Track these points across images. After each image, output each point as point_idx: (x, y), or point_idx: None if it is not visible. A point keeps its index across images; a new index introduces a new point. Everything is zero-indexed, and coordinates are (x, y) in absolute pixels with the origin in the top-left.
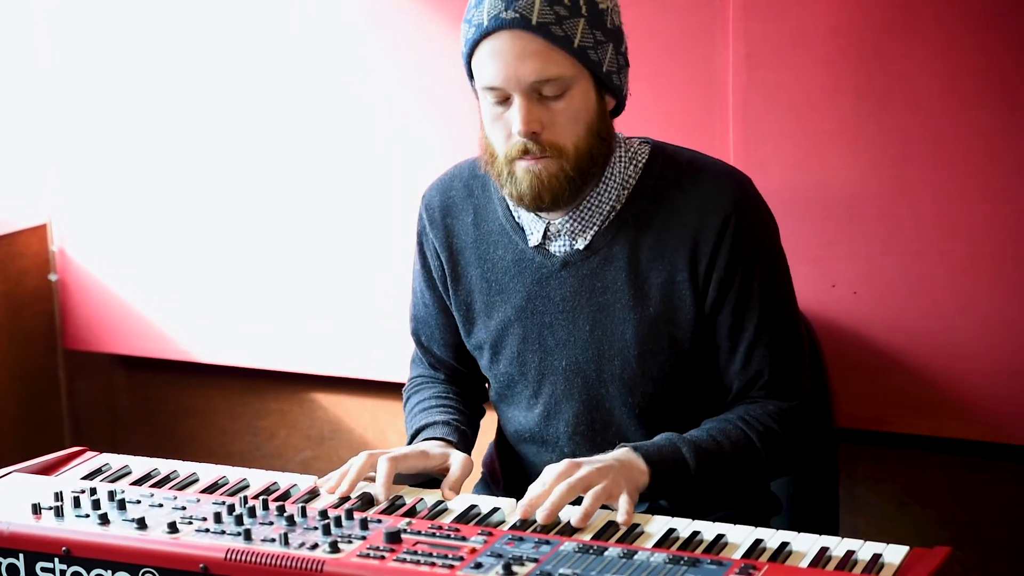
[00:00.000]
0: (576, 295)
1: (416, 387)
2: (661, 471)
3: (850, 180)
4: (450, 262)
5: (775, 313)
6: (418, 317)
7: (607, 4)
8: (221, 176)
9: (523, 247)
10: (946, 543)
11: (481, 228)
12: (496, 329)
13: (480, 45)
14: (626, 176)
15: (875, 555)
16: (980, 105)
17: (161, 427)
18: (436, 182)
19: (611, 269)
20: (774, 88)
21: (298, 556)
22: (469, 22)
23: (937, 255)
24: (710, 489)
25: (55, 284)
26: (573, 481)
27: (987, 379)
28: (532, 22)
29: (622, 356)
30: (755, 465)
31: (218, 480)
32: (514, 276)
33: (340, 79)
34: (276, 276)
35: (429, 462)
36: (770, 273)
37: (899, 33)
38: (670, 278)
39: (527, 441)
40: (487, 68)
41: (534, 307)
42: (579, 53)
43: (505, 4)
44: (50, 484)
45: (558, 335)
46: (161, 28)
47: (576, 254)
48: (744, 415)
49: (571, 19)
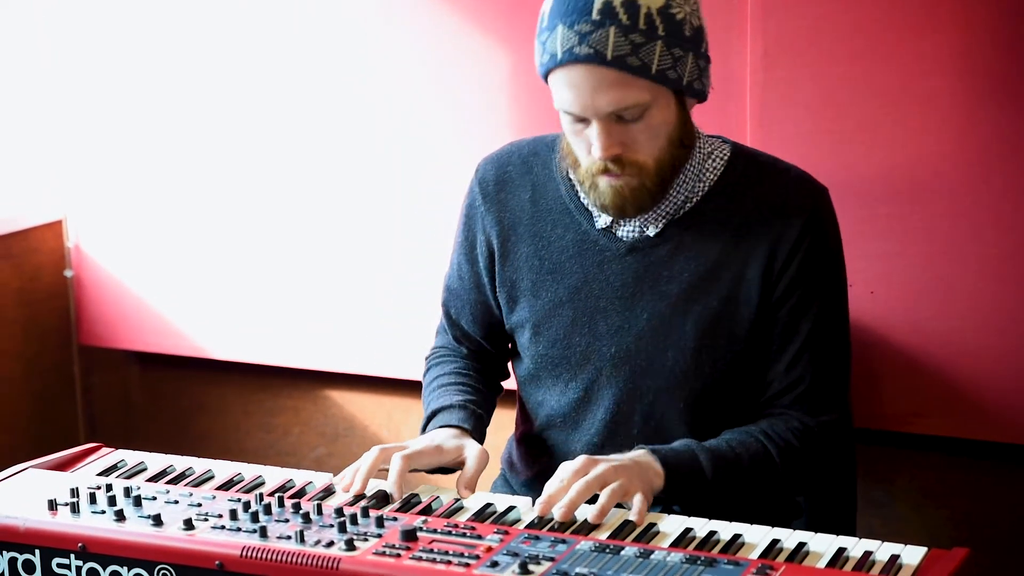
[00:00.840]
0: (638, 281)
1: (438, 359)
2: (677, 475)
3: (867, 178)
4: (500, 236)
5: (829, 325)
6: (451, 289)
7: (684, 10)
8: (236, 173)
9: (587, 228)
10: (962, 544)
11: (539, 205)
12: (544, 308)
13: (554, 72)
14: (703, 170)
15: (893, 556)
16: (998, 104)
17: (176, 423)
18: (491, 156)
19: (680, 259)
20: (792, 86)
21: (314, 554)
22: (543, 46)
23: (955, 255)
24: (724, 498)
25: (70, 280)
26: (590, 479)
27: (1004, 380)
28: (607, 57)
29: (677, 348)
30: (772, 479)
31: (233, 477)
32: (572, 256)
33: (357, 74)
34: (291, 273)
35: (443, 457)
36: (834, 285)
37: (917, 32)
38: (740, 274)
39: (557, 427)
40: (563, 95)
41: (590, 290)
42: (658, 77)
43: (579, 38)
44: (66, 480)
45: (611, 320)
46: (175, 24)
47: (645, 240)
48: (767, 428)
49: (647, 45)
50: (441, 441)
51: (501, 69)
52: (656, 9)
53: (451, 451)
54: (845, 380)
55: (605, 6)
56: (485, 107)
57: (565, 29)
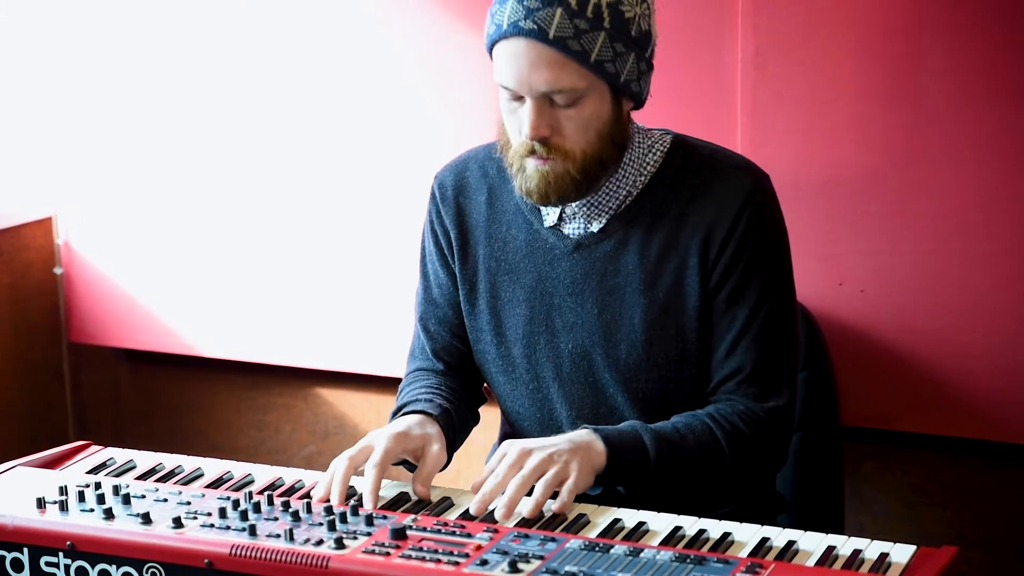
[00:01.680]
0: (587, 277)
1: (412, 380)
2: (619, 455)
3: (857, 178)
4: (459, 239)
5: (768, 308)
6: (429, 300)
7: (635, 11)
8: (226, 171)
9: (537, 227)
10: (952, 542)
11: (495, 207)
12: (502, 309)
13: (498, 44)
14: (644, 164)
15: (882, 554)
16: (987, 103)
17: (165, 421)
18: (450, 164)
19: (624, 253)
20: (783, 85)
21: (303, 552)
22: (492, 16)
23: (944, 253)
24: (669, 481)
25: (60, 277)
26: (526, 473)
27: (994, 378)
28: (549, 35)
29: (628, 341)
30: (718, 464)
31: (223, 475)
32: (525, 256)
33: (348, 71)
34: (281, 271)
35: (409, 443)
36: (771, 270)
37: (907, 31)
38: (682, 264)
39: (526, 426)
40: (502, 68)
41: (544, 288)
42: (595, 67)
43: (525, 12)
44: (55, 478)
45: (566, 317)
46: (166, 21)
47: (590, 236)
48: (714, 412)
49: (590, 32)
50: (405, 427)
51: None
52: (606, 3)
53: (416, 438)
54: (791, 363)
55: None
56: (477, 107)
57: (515, 2)
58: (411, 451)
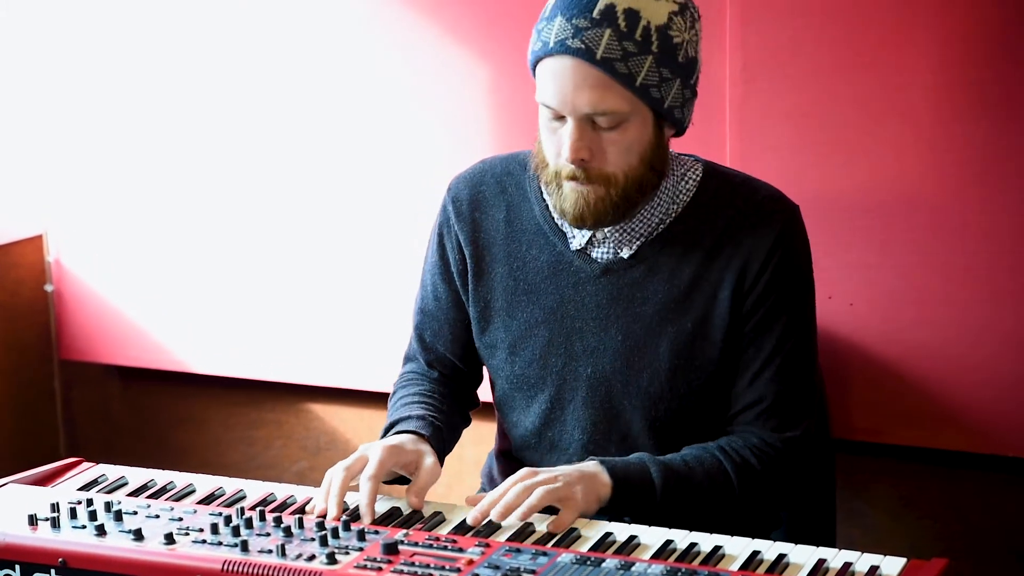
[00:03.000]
0: (613, 303)
1: (405, 383)
2: (624, 487)
3: (846, 192)
4: (474, 257)
5: (793, 343)
6: (426, 311)
7: (684, 37)
8: (216, 188)
9: (562, 249)
10: (941, 555)
11: (514, 226)
12: (519, 329)
13: (543, 61)
14: (677, 192)
15: (872, 567)
16: (976, 116)
17: (156, 438)
18: (464, 175)
19: (654, 280)
20: (771, 100)
21: (295, 567)
22: (539, 33)
23: (933, 266)
24: (675, 512)
25: (51, 295)
26: (529, 483)
27: (983, 391)
28: (596, 56)
29: (652, 369)
30: (726, 496)
31: (215, 491)
32: (547, 277)
33: (340, 89)
34: (271, 287)
35: (403, 457)
36: (800, 303)
37: (895, 45)
38: (713, 295)
39: (532, 447)
40: (546, 86)
41: (565, 311)
42: (640, 91)
43: (574, 31)
44: (46, 495)
45: (587, 341)
46: (158, 37)
47: (619, 262)
48: (724, 445)
49: (638, 56)
50: (399, 442)
51: (481, 82)
52: (656, 26)
53: (410, 452)
54: (811, 395)
55: (608, 8)
56: (467, 120)
57: (563, 20)
58: (405, 464)
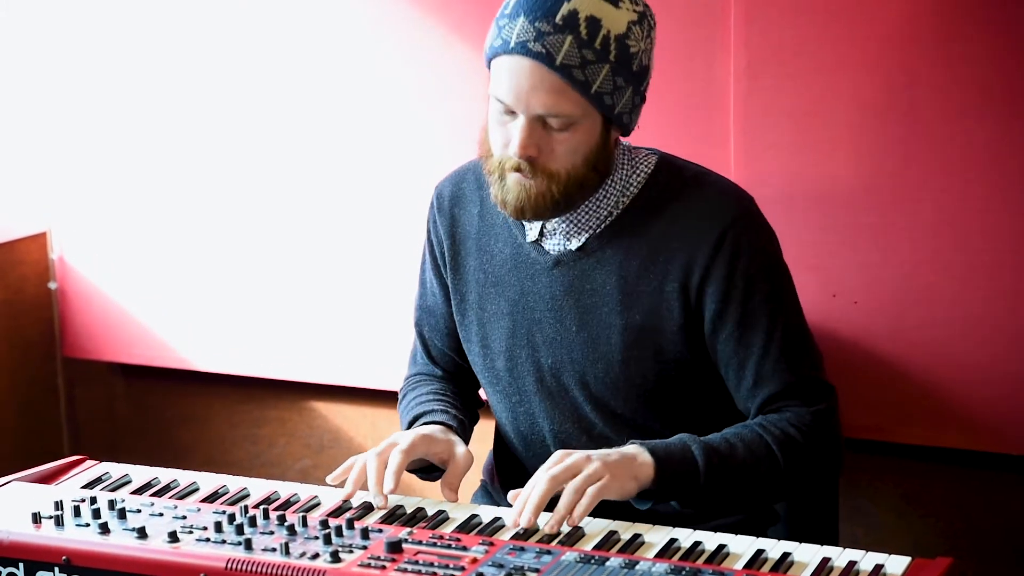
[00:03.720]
0: (565, 295)
1: (413, 384)
2: (667, 466)
3: (850, 189)
4: (451, 250)
5: (781, 326)
6: (424, 307)
7: (640, 46)
8: (220, 185)
9: (521, 241)
10: (945, 553)
11: (485, 220)
12: (488, 321)
13: (501, 56)
14: (627, 184)
15: (877, 565)
16: (980, 114)
17: (160, 435)
18: (451, 174)
19: (601, 272)
20: (775, 97)
21: (299, 566)
22: (500, 29)
23: (937, 265)
24: (722, 492)
25: (54, 292)
26: (557, 471)
27: (987, 389)
28: (556, 62)
29: (606, 360)
30: (772, 471)
31: (218, 489)
32: (511, 270)
33: (341, 88)
34: (276, 284)
35: (433, 446)
36: (771, 289)
37: (899, 43)
38: (659, 287)
39: (514, 440)
40: (501, 82)
41: (526, 302)
42: (594, 98)
43: (536, 34)
44: (50, 493)
45: (546, 332)
46: (161, 36)
47: (569, 254)
48: (763, 421)
49: (596, 64)
50: (430, 432)
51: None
52: (615, 35)
53: (440, 441)
54: (818, 366)
55: (570, 15)
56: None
57: (526, 21)
58: (436, 453)
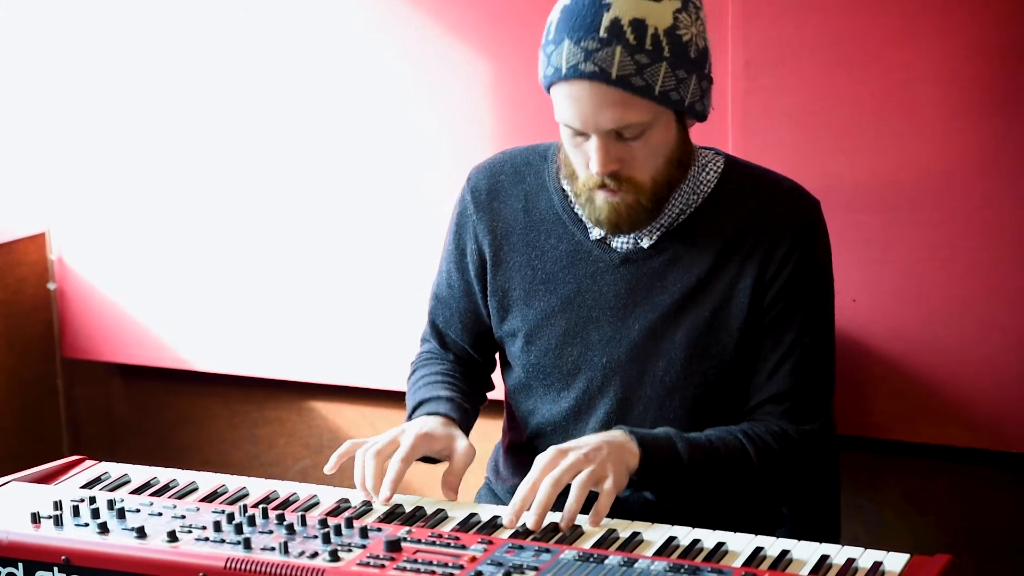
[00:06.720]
0: (631, 293)
1: (424, 361)
2: (652, 456)
3: (849, 187)
4: (493, 246)
5: (813, 336)
6: (439, 297)
7: (691, 32)
8: (219, 186)
9: (580, 239)
10: (945, 551)
11: (532, 215)
12: (536, 318)
13: (557, 85)
14: (698, 183)
15: (876, 563)
16: (979, 113)
17: (159, 436)
18: (483, 165)
19: (674, 270)
20: (773, 96)
21: (298, 565)
22: (548, 58)
23: (936, 262)
24: (699, 488)
25: (53, 293)
26: (559, 473)
27: (987, 386)
28: (612, 76)
29: (668, 358)
30: (748, 476)
31: (217, 489)
32: (565, 266)
33: (341, 87)
34: (275, 285)
35: (433, 444)
36: (820, 297)
37: (898, 42)
38: (732, 285)
39: (548, 436)
40: (564, 109)
41: (583, 300)
42: (661, 98)
43: (584, 55)
44: (49, 493)
45: (603, 331)
46: (158, 38)
47: (639, 252)
48: (747, 428)
49: (652, 66)
50: (430, 429)
51: (485, 78)
52: (663, 30)
53: (441, 438)
54: (828, 390)
55: (613, 24)
56: (470, 118)
57: (571, 44)
58: (437, 451)
